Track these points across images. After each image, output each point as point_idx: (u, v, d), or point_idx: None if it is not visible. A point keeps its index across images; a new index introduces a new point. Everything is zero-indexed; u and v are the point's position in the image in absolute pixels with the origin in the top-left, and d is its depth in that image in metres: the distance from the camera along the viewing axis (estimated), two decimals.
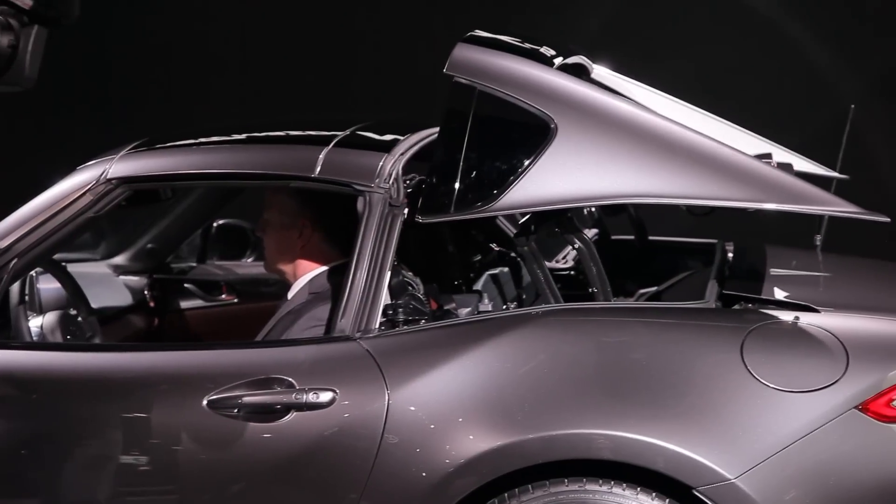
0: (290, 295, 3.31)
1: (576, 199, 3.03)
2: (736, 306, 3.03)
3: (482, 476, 2.82)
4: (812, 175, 3.24)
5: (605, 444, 2.78)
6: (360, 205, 3.09)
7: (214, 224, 4.50)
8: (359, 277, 3.00)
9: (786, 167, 3.15)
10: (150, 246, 4.38)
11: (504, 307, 3.30)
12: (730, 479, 2.73)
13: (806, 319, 2.88)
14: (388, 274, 3.02)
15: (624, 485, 2.81)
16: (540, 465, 2.82)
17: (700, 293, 3.14)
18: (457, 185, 3.00)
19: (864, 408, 2.75)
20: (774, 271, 3.46)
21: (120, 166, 3.24)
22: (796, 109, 4.16)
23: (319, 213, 3.29)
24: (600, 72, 3.69)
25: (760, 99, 3.68)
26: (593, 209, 3.49)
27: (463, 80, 3.06)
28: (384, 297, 3.01)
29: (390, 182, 3.08)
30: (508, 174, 2.98)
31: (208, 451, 2.94)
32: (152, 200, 3.71)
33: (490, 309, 3.34)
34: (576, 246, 3.31)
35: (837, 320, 2.88)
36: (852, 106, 3.83)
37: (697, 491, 2.75)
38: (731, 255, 3.66)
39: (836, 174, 3.60)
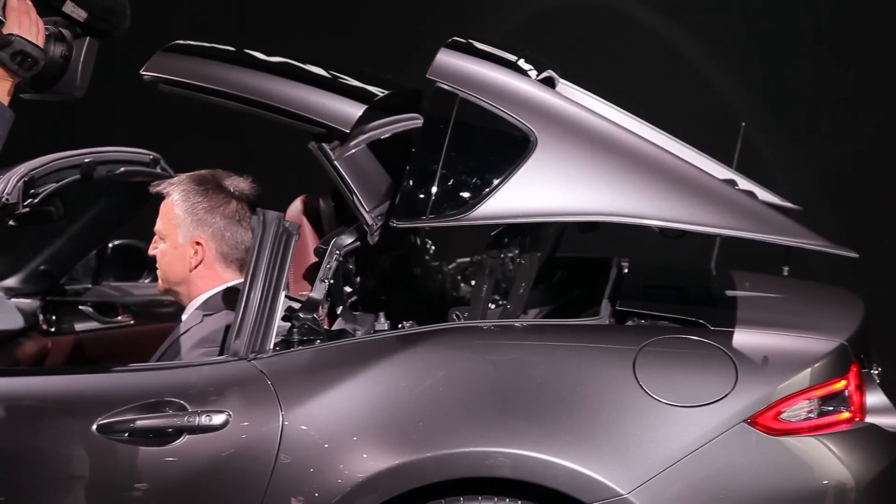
0: (184, 316, 3.27)
1: (551, 214, 3.03)
2: (629, 322, 3.06)
3: (380, 495, 2.81)
4: (771, 204, 3.28)
5: (500, 462, 2.79)
6: (254, 222, 3.06)
7: (110, 245, 4.43)
8: (253, 298, 2.97)
9: (751, 195, 3.20)
10: (42, 267, 4.29)
11: (400, 326, 3.29)
12: (623, 495, 2.75)
13: (697, 335, 2.92)
14: (283, 294, 3.00)
15: (519, 502, 2.81)
16: (438, 484, 2.82)
17: (594, 309, 3.17)
18: (433, 192, 2.99)
19: (752, 421, 2.80)
20: (668, 288, 3.50)
21: (158, 61, 3.12)
22: (688, 125, 4.22)
23: (213, 231, 3.25)
24: (566, 86, 3.69)
25: (653, 115, 3.73)
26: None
27: (445, 87, 3.05)
28: (279, 318, 2.99)
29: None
30: (486, 185, 2.98)
31: (99, 476, 2.89)
32: (44, 220, 3.64)
33: (386, 328, 3.33)
34: (521, 261, 3.32)
35: (727, 336, 2.93)
36: (742, 123, 3.90)
37: None
38: (625, 271, 3.70)
39: (790, 205, 3.65)
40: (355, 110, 3.08)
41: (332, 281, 3.09)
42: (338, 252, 3.08)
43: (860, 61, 6.28)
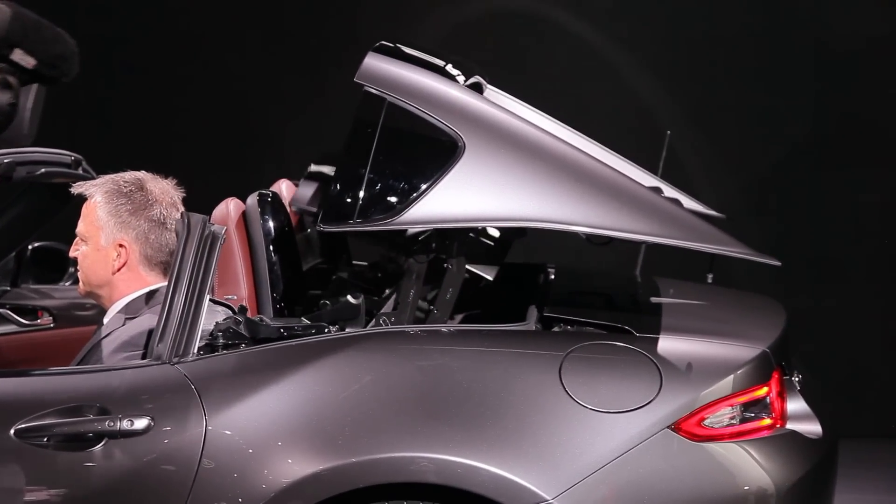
0: (105, 319, 3.22)
1: (479, 219, 3.05)
2: (555, 328, 3.07)
3: (305, 500, 2.79)
4: (696, 212, 3.32)
5: (426, 467, 2.78)
6: (178, 226, 3.03)
7: (30, 247, 4.35)
8: (176, 301, 2.93)
9: (676, 203, 3.22)
10: None
11: (326, 331, 3.27)
12: (547, 500, 2.76)
13: (622, 341, 2.94)
14: (207, 298, 2.97)
15: None
16: (364, 489, 2.81)
17: (521, 315, 3.18)
18: (361, 196, 2.98)
19: (676, 427, 2.82)
20: (594, 294, 3.52)
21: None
22: (614, 133, 4.26)
23: (137, 234, 3.20)
24: (494, 92, 3.70)
25: (579, 122, 3.76)
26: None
27: (373, 91, 3.04)
28: (202, 322, 2.95)
29: None
30: (413, 189, 2.98)
31: (16, 482, 2.84)
32: None
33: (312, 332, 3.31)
34: (449, 266, 3.32)
35: (652, 342, 2.95)
36: (668, 132, 3.93)
37: None
38: (552, 277, 3.71)
39: (714, 213, 3.68)
40: None
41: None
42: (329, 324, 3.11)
43: (783, 71, 6.37)
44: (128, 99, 6.78)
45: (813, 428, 2.99)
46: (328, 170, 3.37)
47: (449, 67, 3.35)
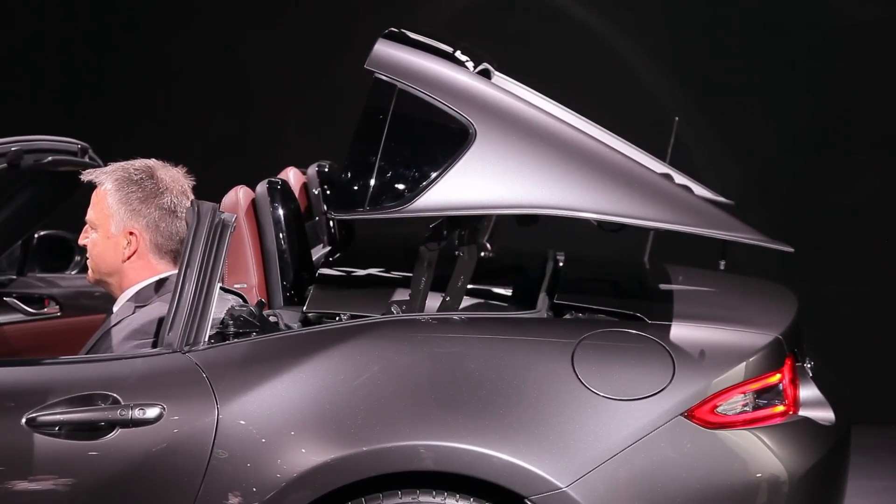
0: (115, 308, 3.21)
1: (490, 207, 3.02)
2: (567, 316, 3.06)
3: (316, 489, 2.79)
4: (707, 199, 3.30)
5: (438, 456, 2.78)
6: (188, 214, 3.02)
7: (36, 235, 4.34)
8: (187, 290, 2.93)
9: (687, 189, 3.21)
10: None
11: (336, 318, 3.27)
12: (561, 488, 2.76)
13: (634, 329, 2.93)
14: (218, 286, 2.96)
15: (457, 495, 2.81)
16: (376, 478, 2.80)
17: (532, 302, 3.17)
18: (371, 184, 2.96)
19: (689, 414, 2.81)
20: (605, 281, 3.51)
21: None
22: (621, 119, 4.24)
23: (148, 222, 3.19)
24: (502, 79, 3.69)
25: (587, 109, 3.74)
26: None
27: (384, 77, 3.02)
28: (213, 310, 2.95)
29: None
30: (424, 177, 2.96)
31: (28, 472, 2.83)
32: None
33: (322, 321, 3.31)
34: (460, 254, 3.31)
35: (665, 329, 2.94)
36: (676, 119, 3.92)
37: (530, 500, 2.77)
38: (561, 264, 3.70)
39: (723, 199, 3.67)
40: None
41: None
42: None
43: (789, 58, 6.36)
44: (128, 87, 6.76)
45: (826, 415, 2.98)
46: None
47: (458, 54, 3.33)
